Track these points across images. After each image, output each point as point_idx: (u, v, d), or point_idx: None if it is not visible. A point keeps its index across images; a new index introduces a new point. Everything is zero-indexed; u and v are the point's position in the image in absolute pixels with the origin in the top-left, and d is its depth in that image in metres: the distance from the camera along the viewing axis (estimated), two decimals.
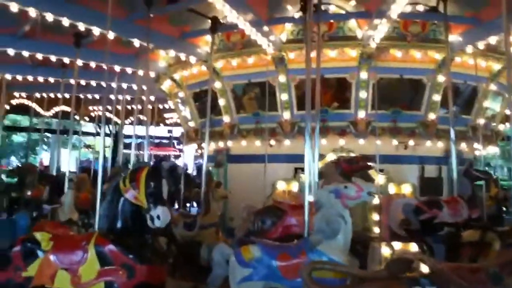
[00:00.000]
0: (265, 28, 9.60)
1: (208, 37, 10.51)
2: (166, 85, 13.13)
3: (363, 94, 10.00)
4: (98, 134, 26.22)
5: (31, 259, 4.13)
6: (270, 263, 4.86)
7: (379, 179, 9.41)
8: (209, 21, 9.80)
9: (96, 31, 9.12)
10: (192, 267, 7.58)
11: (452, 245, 6.35)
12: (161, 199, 3.92)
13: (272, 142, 10.45)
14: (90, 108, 18.42)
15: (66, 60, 11.49)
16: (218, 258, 5.19)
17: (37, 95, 16.30)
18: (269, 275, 4.83)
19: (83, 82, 13.67)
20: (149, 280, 3.87)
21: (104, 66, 11.18)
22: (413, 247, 7.86)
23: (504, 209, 12.26)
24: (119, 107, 15.36)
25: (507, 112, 10.88)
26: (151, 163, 4.48)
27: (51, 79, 13.67)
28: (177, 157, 27.96)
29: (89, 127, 24.45)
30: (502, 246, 5.33)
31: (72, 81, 11.20)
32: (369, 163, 6.65)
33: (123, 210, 4.07)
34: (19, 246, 4.22)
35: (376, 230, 9.08)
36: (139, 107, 14.23)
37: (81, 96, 15.19)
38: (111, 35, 9.08)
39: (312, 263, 3.93)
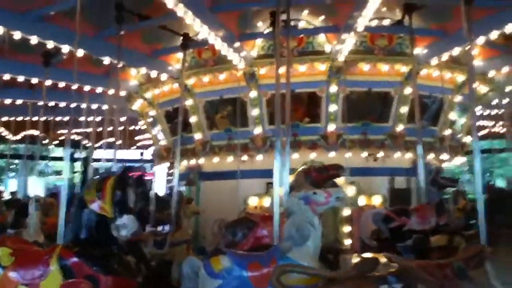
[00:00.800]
0: (236, 44, 9.71)
1: (179, 54, 10.53)
2: (138, 104, 13.04)
3: (333, 108, 10.16)
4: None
5: None
6: (240, 273, 4.77)
7: (350, 191, 9.47)
8: (181, 38, 9.85)
9: (66, 49, 9.01)
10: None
11: (421, 250, 6.41)
12: (127, 207, 3.86)
13: (245, 157, 10.45)
14: (60, 132, 18.05)
15: (35, 80, 11.29)
16: (188, 271, 5.06)
17: (4, 118, 15.84)
18: (240, 285, 4.74)
19: (52, 104, 13.42)
20: None
21: (74, 87, 11.20)
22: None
23: (473, 221, 12.46)
24: (89, 130, 15.10)
25: None
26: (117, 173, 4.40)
27: (19, 101, 13.39)
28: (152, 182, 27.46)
29: (59, 152, 23.87)
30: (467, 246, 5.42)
31: (40, 103, 10.97)
32: (339, 171, 6.69)
33: (88, 221, 3.98)
34: None
35: (348, 241, 9.12)
36: (110, 128, 14.01)
37: (50, 119, 14.87)
38: (80, 52, 9.03)
39: (281, 266, 3.90)
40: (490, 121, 17.11)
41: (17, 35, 8.30)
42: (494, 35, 8.63)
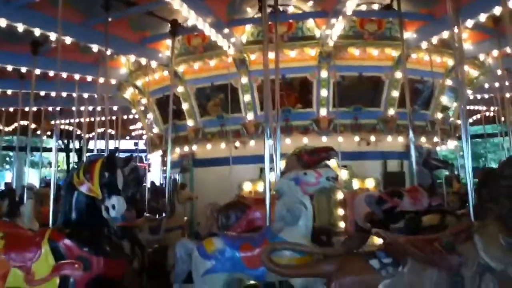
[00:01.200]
0: (226, 30, 9.67)
1: (168, 41, 10.49)
2: (129, 93, 12.99)
3: (324, 93, 10.16)
4: (61, 150, 25.71)
5: None
6: (233, 254, 4.82)
7: (343, 174, 9.53)
8: (169, 24, 9.79)
9: (53, 36, 8.94)
10: (161, 274, 7.47)
11: (413, 229, 6.46)
12: (115, 189, 3.85)
13: (237, 144, 10.45)
14: (53, 122, 17.92)
15: (24, 69, 11.22)
16: (181, 253, 5.12)
17: None
18: (233, 266, 4.79)
19: (42, 93, 13.33)
20: (106, 273, 3.78)
21: (64, 75, 11.13)
22: (380, 240, 7.98)
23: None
24: (82, 120, 15.04)
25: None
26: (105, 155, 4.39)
27: (9, 91, 13.30)
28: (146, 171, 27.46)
29: (53, 143, 23.72)
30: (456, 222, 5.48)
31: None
32: (330, 153, 6.70)
33: (78, 203, 3.99)
34: None
35: (342, 224, 9.20)
36: (103, 118, 13.93)
37: (42, 109, 14.76)
38: (68, 40, 8.98)
39: (272, 244, 3.93)
40: (483, 105, 17.18)
41: (2, 22, 8.22)
42: (482, 18, 8.63)
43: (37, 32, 8.77)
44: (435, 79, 10.94)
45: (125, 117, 17.60)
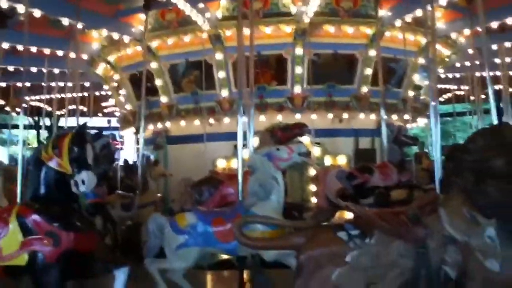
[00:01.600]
0: (201, 5, 9.52)
1: (142, 16, 10.25)
2: (101, 68, 12.71)
3: (298, 70, 10.18)
4: (31, 127, 25.09)
5: None
6: (205, 228, 4.86)
7: (315, 151, 9.62)
8: None
9: (21, 9, 8.61)
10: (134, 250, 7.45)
11: (382, 204, 6.61)
12: (85, 163, 3.78)
13: (211, 121, 10.41)
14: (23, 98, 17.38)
15: None
16: (153, 228, 5.12)
17: None
18: (205, 241, 4.84)
19: (11, 68, 12.92)
20: (76, 247, 3.75)
21: (33, 49, 10.80)
22: (349, 214, 8.13)
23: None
24: (52, 96, 14.65)
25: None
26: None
27: None
28: (119, 149, 27.10)
29: (24, 120, 23.08)
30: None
31: None
32: (303, 129, 6.75)
33: (46, 179, 3.91)
34: None
35: (314, 200, 9.33)
36: (73, 95, 13.60)
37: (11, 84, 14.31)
38: (37, 13, 8.69)
39: (243, 217, 3.96)
40: (454, 84, 17.44)
41: None
42: None
43: (3, 3, 8.45)
44: (408, 57, 11.06)
45: (97, 93, 17.25)
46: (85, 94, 15.56)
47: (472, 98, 15.32)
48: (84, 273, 3.99)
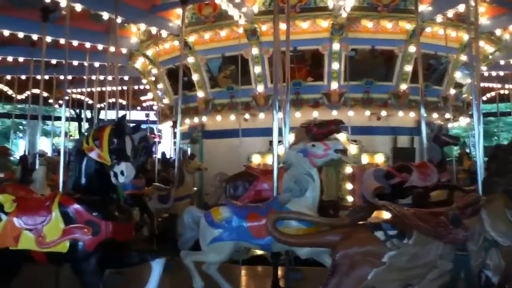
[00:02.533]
0: None
1: (179, 10, 10.34)
2: (139, 62, 12.95)
3: (335, 66, 10.06)
4: (73, 119, 25.87)
5: None
6: (240, 223, 4.87)
7: (352, 149, 9.50)
8: None
9: (63, 3, 8.88)
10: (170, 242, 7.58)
11: (421, 204, 6.45)
12: (124, 155, 3.86)
13: (247, 116, 10.43)
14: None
15: (35, 37, 11.18)
16: (188, 221, 5.18)
17: (8, 77, 15.80)
18: (240, 235, 4.84)
19: (53, 62, 13.33)
20: (115, 237, 3.83)
21: (75, 43, 11.11)
22: (386, 214, 7.99)
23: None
24: (93, 89, 15.03)
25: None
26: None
27: (21, 59, 13.32)
28: (156, 142, 27.56)
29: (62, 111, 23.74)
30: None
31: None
32: (339, 126, 6.66)
33: (87, 169, 4.01)
34: None
35: (350, 198, 9.23)
36: (113, 88, 13.89)
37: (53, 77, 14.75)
38: (78, 7, 8.93)
39: (277, 213, 3.96)
40: (497, 83, 16.81)
41: None
42: None
43: None
44: (449, 54, 10.75)
45: (135, 87, 17.62)
46: (124, 88, 15.93)
47: None
48: (122, 262, 4.09)
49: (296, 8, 9.63)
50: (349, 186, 9.39)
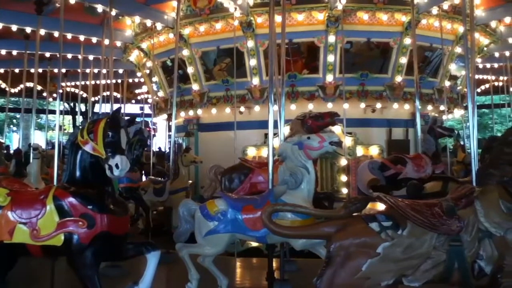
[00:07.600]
0: None
1: (174, 3, 10.32)
2: (134, 55, 12.89)
3: (331, 58, 10.04)
4: (67, 112, 25.75)
5: None
6: (235, 215, 4.88)
7: (347, 141, 9.51)
8: None
9: None
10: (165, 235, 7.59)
11: (415, 196, 6.47)
12: (119, 148, 3.84)
13: (242, 109, 10.42)
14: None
15: (29, 30, 11.10)
16: (184, 213, 5.19)
17: (1, 70, 15.68)
18: (235, 227, 4.86)
19: (47, 55, 13.25)
20: (110, 230, 3.83)
21: (69, 36, 11.04)
22: (381, 205, 8.02)
23: None
24: (87, 82, 14.93)
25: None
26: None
27: (14, 52, 13.22)
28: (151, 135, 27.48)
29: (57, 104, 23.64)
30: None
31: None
32: (334, 118, 6.67)
33: (82, 162, 4.00)
34: None
35: (345, 191, 9.25)
36: (107, 81, 13.81)
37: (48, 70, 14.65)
38: (72, 0, 8.87)
39: (272, 205, 3.97)
40: (492, 75, 16.83)
41: None
42: None
43: None
44: (444, 46, 10.73)
45: (130, 80, 17.52)
46: (119, 81, 15.85)
47: (511, 89, 14.87)
48: (117, 255, 4.09)
49: (291, 0, 9.58)
50: (344, 178, 9.40)
